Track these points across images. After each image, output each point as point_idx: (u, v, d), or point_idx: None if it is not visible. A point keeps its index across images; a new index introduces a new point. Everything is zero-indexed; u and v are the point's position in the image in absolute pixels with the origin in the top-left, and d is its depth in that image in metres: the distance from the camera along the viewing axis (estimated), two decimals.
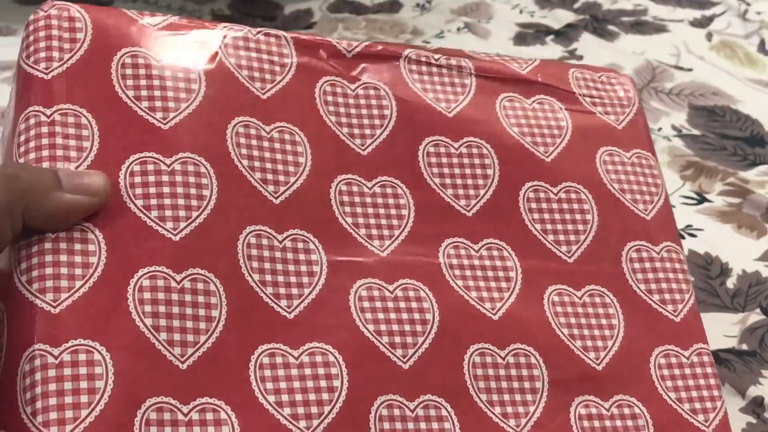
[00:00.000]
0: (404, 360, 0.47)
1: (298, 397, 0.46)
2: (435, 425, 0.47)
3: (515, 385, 0.49)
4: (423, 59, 0.56)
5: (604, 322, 0.51)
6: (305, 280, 0.48)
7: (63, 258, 0.44)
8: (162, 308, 0.44)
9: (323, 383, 0.46)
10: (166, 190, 0.46)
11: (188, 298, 0.45)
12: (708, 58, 0.89)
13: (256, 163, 0.49)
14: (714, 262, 0.68)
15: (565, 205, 0.54)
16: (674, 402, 0.50)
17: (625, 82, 0.60)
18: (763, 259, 0.68)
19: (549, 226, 0.53)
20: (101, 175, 0.45)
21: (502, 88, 0.57)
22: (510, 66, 0.58)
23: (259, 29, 0.52)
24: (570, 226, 0.53)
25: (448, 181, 0.53)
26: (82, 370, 0.43)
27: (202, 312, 0.45)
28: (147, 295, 0.44)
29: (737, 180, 0.74)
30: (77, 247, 0.44)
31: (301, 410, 0.45)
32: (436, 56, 0.56)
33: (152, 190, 0.46)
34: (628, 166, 0.57)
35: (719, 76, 0.86)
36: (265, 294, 0.47)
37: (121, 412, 0.42)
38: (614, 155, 0.57)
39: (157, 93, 0.48)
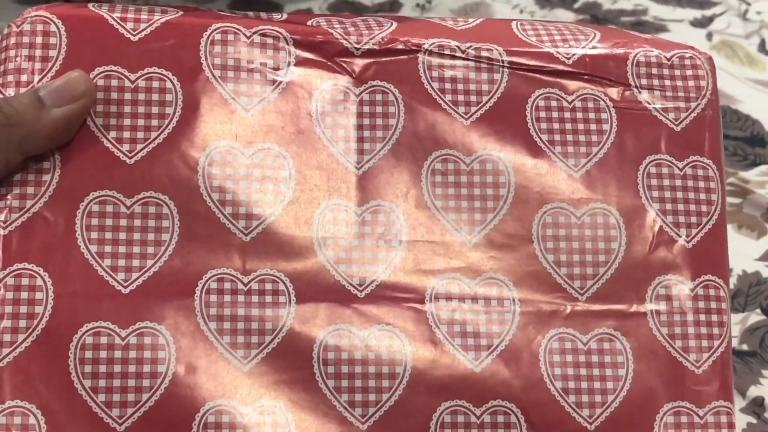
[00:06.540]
0: (362, 420, 0.43)
1: None
2: None
3: None
4: (447, 52, 0.48)
5: (608, 372, 0.45)
6: (268, 326, 0.43)
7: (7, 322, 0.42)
8: (103, 368, 0.42)
9: None
10: (122, 236, 0.43)
11: (133, 354, 0.42)
12: None
13: (228, 196, 0.44)
14: None
15: (587, 231, 0.46)
16: None
17: (701, 64, 0.50)
18: (764, 259, 0.68)
19: (563, 258, 0.46)
20: (77, 75, 0.43)
21: (540, 83, 0.48)
22: (553, 54, 0.49)
23: (255, 27, 0.46)
24: (589, 257, 0.46)
25: (451, 204, 0.46)
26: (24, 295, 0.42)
27: (147, 369, 0.42)
28: (88, 354, 0.42)
29: (737, 180, 0.74)
30: (23, 295, 0.42)
31: None
32: (464, 45, 0.48)
33: (108, 235, 0.43)
34: (678, 180, 0.48)
35: (719, 76, 0.85)
36: (221, 344, 0.43)
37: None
38: (662, 166, 0.48)
39: (126, 121, 0.44)
